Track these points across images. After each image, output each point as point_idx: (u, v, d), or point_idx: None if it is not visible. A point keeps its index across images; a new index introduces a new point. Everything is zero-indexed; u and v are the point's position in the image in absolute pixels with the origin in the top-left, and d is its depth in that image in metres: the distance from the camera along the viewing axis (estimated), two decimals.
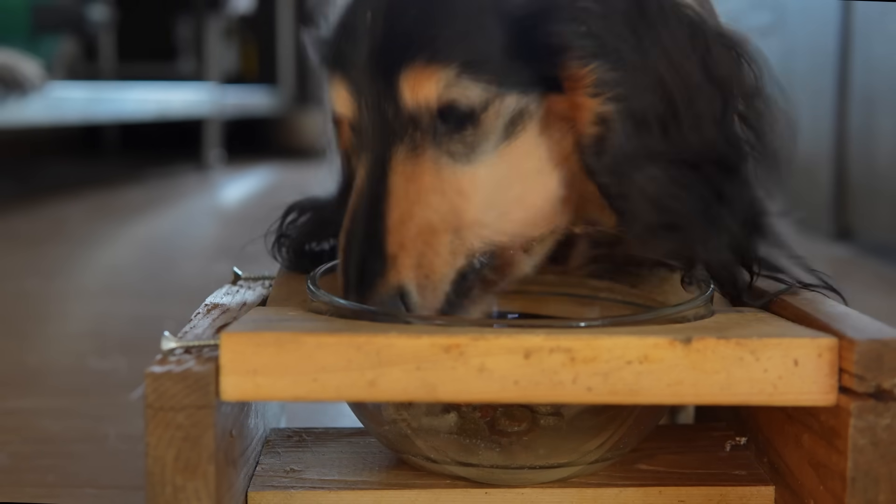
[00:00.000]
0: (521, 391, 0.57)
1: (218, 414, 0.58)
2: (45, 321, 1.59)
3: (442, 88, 0.63)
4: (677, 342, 0.57)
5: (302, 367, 0.57)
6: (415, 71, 0.63)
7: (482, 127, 0.65)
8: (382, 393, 0.57)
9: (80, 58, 4.10)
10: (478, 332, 0.57)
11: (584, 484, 0.67)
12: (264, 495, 0.66)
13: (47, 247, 2.30)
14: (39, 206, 2.90)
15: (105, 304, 1.74)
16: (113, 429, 1.00)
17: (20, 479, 0.89)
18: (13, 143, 3.84)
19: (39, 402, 1.13)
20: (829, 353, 0.58)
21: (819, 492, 0.61)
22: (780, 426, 0.67)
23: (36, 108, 2.72)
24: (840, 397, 0.58)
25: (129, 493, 0.82)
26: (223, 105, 4.15)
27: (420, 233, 0.65)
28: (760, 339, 0.58)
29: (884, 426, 0.57)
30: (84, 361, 1.30)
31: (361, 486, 0.67)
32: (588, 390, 0.57)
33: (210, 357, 0.58)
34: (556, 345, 0.57)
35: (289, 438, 0.76)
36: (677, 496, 0.67)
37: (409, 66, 0.63)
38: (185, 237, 2.62)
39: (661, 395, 0.58)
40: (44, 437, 1.00)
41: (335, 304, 0.64)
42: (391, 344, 0.57)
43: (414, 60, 0.63)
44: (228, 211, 3.13)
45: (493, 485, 0.67)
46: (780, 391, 0.58)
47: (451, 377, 0.57)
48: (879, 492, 0.57)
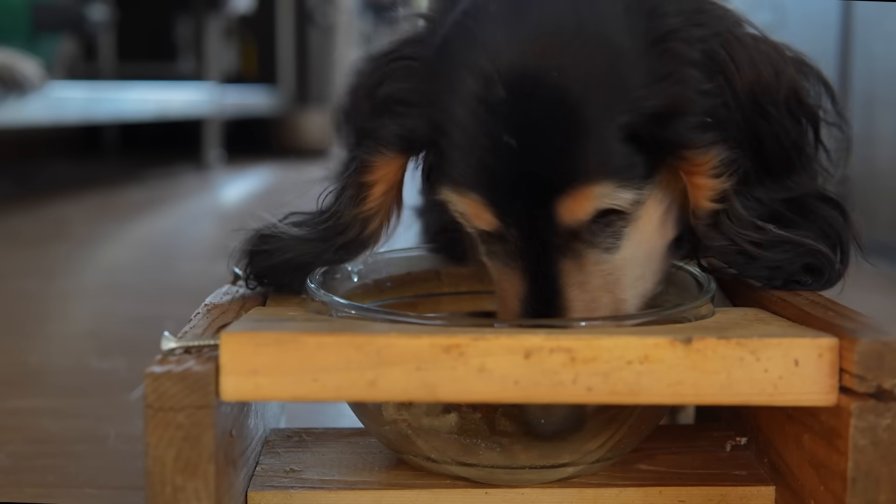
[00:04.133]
0: (521, 391, 0.57)
1: (218, 414, 0.58)
2: (45, 321, 1.59)
3: (598, 202, 0.65)
4: (678, 342, 0.57)
5: (302, 367, 0.57)
6: (573, 195, 0.64)
7: (629, 218, 0.67)
8: (382, 393, 0.57)
9: (80, 57, 4.10)
10: (478, 332, 0.57)
11: (584, 484, 0.67)
12: (264, 495, 0.66)
13: (48, 247, 2.30)
14: (40, 206, 2.90)
15: (105, 304, 1.74)
16: (113, 429, 1.00)
17: (20, 479, 0.89)
18: (13, 143, 3.84)
19: (39, 402, 1.13)
20: (830, 353, 0.58)
21: (819, 492, 0.61)
22: (780, 426, 0.67)
23: (36, 108, 2.72)
24: (841, 397, 0.58)
25: (129, 493, 0.82)
26: (223, 105, 4.15)
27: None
28: (761, 339, 0.58)
29: (884, 426, 0.57)
30: (84, 361, 1.30)
31: (361, 486, 0.67)
32: (588, 390, 0.57)
33: (210, 357, 0.58)
34: (556, 345, 0.57)
35: (289, 438, 0.76)
36: (677, 496, 0.67)
37: (566, 192, 0.64)
38: (184, 237, 2.62)
39: (662, 396, 0.58)
40: (44, 437, 1.00)
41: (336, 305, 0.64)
42: (391, 344, 0.57)
43: (571, 185, 0.64)
44: (228, 211, 3.12)
45: (494, 485, 0.66)
46: (781, 391, 0.58)
47: (452, 377, 0.57)
48: (880, 492, 0.57)
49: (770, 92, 0.68)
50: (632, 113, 0.64)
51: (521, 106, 0.63)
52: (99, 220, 2.76)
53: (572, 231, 0.66)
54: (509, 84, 0.63)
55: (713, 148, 0.66)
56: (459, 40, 0.67)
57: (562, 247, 0.66)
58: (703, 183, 0.67)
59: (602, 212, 0.65)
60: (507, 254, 0.68)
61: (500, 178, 0.65)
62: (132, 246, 2.42)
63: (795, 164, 0.70)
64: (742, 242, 0.68)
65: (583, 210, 0.65)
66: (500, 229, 0.67)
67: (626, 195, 0.65)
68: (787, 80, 0.70)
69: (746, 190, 0.68)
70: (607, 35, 0.65)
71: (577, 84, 0.63)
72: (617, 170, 0.64)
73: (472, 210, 0.67)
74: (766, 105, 0.68)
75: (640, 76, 0.64)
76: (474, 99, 0.64)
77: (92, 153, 4.59)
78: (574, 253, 0.66)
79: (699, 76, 0.65)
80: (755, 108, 0.68)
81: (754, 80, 0.68)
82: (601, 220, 0.66)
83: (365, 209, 0.73)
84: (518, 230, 0.66)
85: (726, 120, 0.67)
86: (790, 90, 0.70)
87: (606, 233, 0.67)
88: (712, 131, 0.66)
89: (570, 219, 0.65)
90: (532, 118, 0.63)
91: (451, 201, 0.68)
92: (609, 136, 0.64)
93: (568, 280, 0.66)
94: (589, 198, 0.64)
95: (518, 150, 0.63)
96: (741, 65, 0.67)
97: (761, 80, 0.68)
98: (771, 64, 0.69)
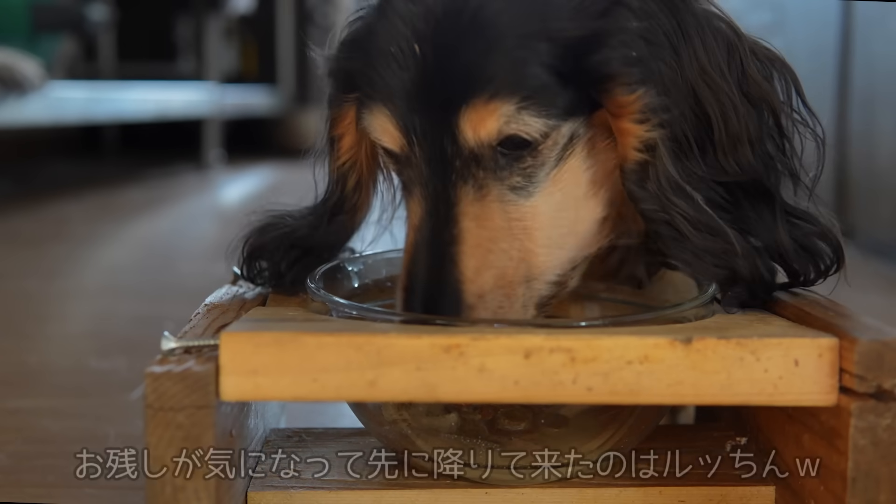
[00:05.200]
0: (521, 391, 0.57)
1: (218, 414, 0.58)
2: (45, 321, 1.59)
3: (503, 124, 0.63)
4: (678, 342, 0.57)
5: (302, 367, 0.57)
6: (476, 107, 0.62)
7: (540, 157, 0.65)
8: (382, 393, 0.57)
9: (80, 57, 4.10)
10: (478, 333, 0.57)
11: (584, 484, 0.67)
12: (264, 495, 0.66)
13: (47, 247, 2.30)
14: (39, 206, 2.90)
15: (105, 304, 1.74)
16: (113, 429, 1.00)
17: (20, 479, 0.89)
18: (13, 143, 3.84)
19: (39, 402, 1.13)
20: (830, 353, 0.58)
21: (819, 492, 0.61)
22: (780, 426, 0.67)
23: (35, 108, 2.72)
24: (840, 397, 0.58)
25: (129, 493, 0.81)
26: (223, 105, 4.15)
27: (497, 284, 0.65)
28: (761, 339, 0.58)
29: (884, 426, 0.57)
30: (84, 361, 1.30)
31: (361, 486, 0.67)
32: (588, 390, 0.57)
33: (210, 357, 0.58)
34: (556, 345, 0.57)
35: (289, 438, 0.76)
36: (677, 496, 0.67)
37: (469, 103, 0.62)
38: (184, 237, 2.62)
39: (662, 396, 0.58)
40: (44, 437, 1.00)
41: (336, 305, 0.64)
42: (391, 344, 0.57)
43: (474, 97, 0.62)
44: (228, 211, 3.12)
45: (494, 485, 0.66)
46: (781, 391, 0.58)
47: (452, 377, 0.57)
48: (880, 492, 0.57)
49: (717, 63, 0.66)
50: (550, 40, 0.63)
51: (434, 18, 0.63)
52: (99, 220, 2.76)
53: (475, 154, 0.64)
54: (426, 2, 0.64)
55: (639, 87, 0.64)
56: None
57: (462, 170, 0.64)
58: (628, 127, 0.65)
59: (509, 142, 0.64)
60: (412, 179, 0.66)
61: (407, 90, 0.64)
62: (132, 246, 2.42)
63: (745, 149, 0.67)
64: (670, 210, 0.64)
65: (484, 127, 0.63)
66: (406, 149, 0.65)
67: (535, 122, 0.63)
68: (740, 57, 0.67)
69: (684, 160, 0.65)
70: None
71: (494, 3, 0.63)
72: (526, 92, 0.63)
73: (379, 125, 0.66)
74: (711, 74, 0.66)
75: (567, 9, 0.64)
76: (394, 15, 0.65)
77: (92, 153, 4.59)
78: (475, 181, 0.64)
79: (631, 17, 0.64)
80: (700, 74, 0.65)
81: (699, 44, 0.65)
82: (509, 153, 0.64)
83: (339, 163, 0.73)
84: (421, 149, 0.64)
85: (661, 73, 0.64)
86: (742, 68, 0.67)
87: (514, 168, 0.65)
88: (638, 69, 0.64)
89: (472, 135, 0.63)
90: (443, 29, 0.63)
91: (366, 120, 0.67)
92: (521, 55, 0.63)
93: (465, 209, 0.64)
94: (491, 113, 0.62)
95: (424, 61, 0.63)
96: (685, 25, 0.65)
97: (707, 47, 0.66)
98: (723, 36, 0.67)
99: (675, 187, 0.64)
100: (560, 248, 0.67)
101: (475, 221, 0.64)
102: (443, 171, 0.64)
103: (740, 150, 0.66)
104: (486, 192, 0.65)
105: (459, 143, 0.63)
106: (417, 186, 0.66)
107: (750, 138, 0.67)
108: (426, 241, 0.65)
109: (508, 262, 0.65)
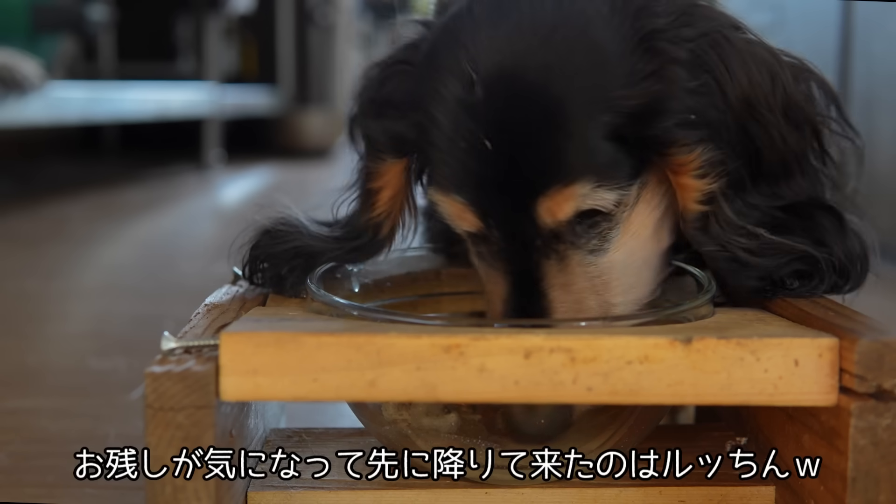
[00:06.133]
0: (521, 391, 0.57)
1: (218, 414, 0.58)
2: (45, 321, 1.59)
3: (580, 203, 0.64)
4: (678, 342, 0.57)
5: (302, 367, 0.57)
6: (554, 195, 0.64)
7: (614, 220, 0.67)
8: (382, 393, 0.57)
9: (80, 57, 4.10)
10: (478, 333, 0.57)
11: (584, 484, 0.67)
12: (264, 495, 0.66)
13: (47, 247, 2.30)
14: (39, 206, 2.90)
15: (105, 304, 1.74)
16: (113, 429, 1.00)
17: (20, 479, 0.89)
18: (13, 143, 3.84)
19: (39, 402, 1.13)
20: (830, 353, 0.58)
21: (819, 492, 0.61)
22: (780, 426, 0.67)
23: (35, 108, 2.71)
24: (841, 397, 0.58)
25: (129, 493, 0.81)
26: (223, 105, 4.15)
27: None
28: (761, 339, 0.58)
29: (884, 426, 0.57)
30: (84, 361, 1.30)
31: (361, 486, 0.67)
32: (588, 390, 0.57)
33: (210, 357, 0.58)
34: (556, 345, 0.57)
35: (289, 438, 0.76)
36: (678, 496, 0.67)
37: (547, 193, 0.63)
38: (184, 237, 2.62)
39: (662, 396, 0.58)
40: (44, 437, 1.00)
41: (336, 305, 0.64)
42: (391, 344, 0.57)
43: (551, 186, 0.63)
44: (228, 211, 3.12)
45: (494, 485, 0.66)
46: (781, 391, 0.58)
47: (452, 377, 0.57)
48: (880, 492, 0.57)
49: (764, 95, 0.68)
50: (613, 112, 0.63)
51: (498, 105, 0.63)
52: (98, 220, 2.76)
53: (554, 232, 0.65)
54: (487, 84, 0.63)
55: (698, 147, 0.65)
56: (444, 43, 0.67)
57: (544, 248, 0.66)
58: (688, 183, 0.67)
59: (585, 212, 0.65)
60: (492, 255, 0.68)
61: (480, 179, 0.65)
62: (132, 246, 2.42)
63: (794, 171, 0.69)
64: (733, 248, 0.67)
65: (563, 211, 0.64)
66: (483, 231, 0.66)
67: (609, 195, 0.65)
68: (783, 84, 0.69)
69: (740, 195, 0.68)
70: (590, 34, 0.64)
71: (555, 82, 0.63)
72: (598, 169, 0.64)
73: (455, 211, 0.67)
74: (759, 108, 0.67)
75: (623, 75, 0.64)
76: (454, 100, 0.64)
77: (92, 153, 4.59)
78: (557, 254, 0.66)
79: (684, 74, 0.65)
80: (748, 111, 0.67)
81: (746, 82, 0.67)
82: (585, 222, 0.66)
83: (374, 215, 0.74)
84: (500, 232, 0.66)
85: (715, 121, 0.66)
86: (786, 95, 0.69)
87: (591, 234, 0.66)
88: (697, 129, 0.65)
89: (551, 219, 0.64)
90: (510, 118, 0.63)
91: (437, 203, 0.68)
92: (589, 134, 0.63)
93: (551, 281, 0.66)
94: (569, 198, 0.64)
95: (496, 151, 0.63)
96: (731, 66, 0.67)
97: (753, 83, 0.67)
98: (766, 67, 0.68)
99: (737, 228, 0.67)
100: (635, 287, 0.70)
101: (562, 290, 0.66)
102: (525, 249, 0.66)
103: (790, 174, 0.69)
104: (568, 261, 0.66)
105: (539, 226, 0.65)
106: (500, 262, 0.67)
107: (798, 160, 0.69)
108: (517, 313, 0.66)
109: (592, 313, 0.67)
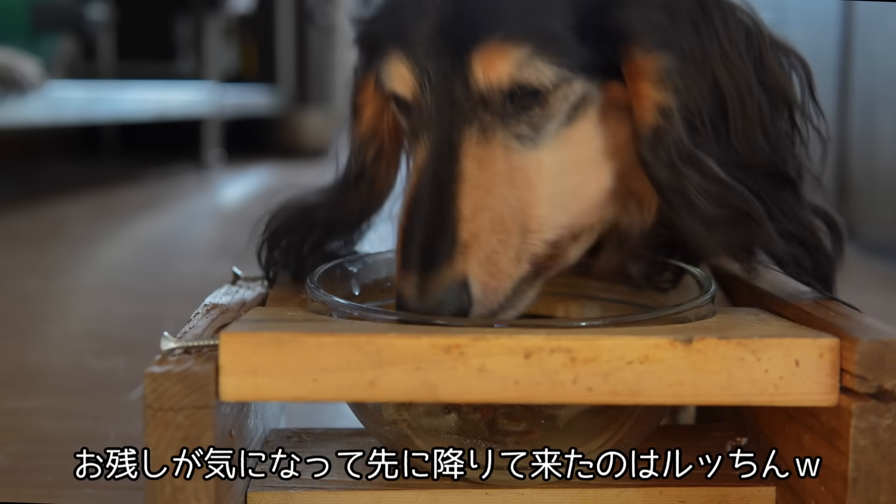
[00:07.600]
0: (521, 391, 0.57)
1: (217, 414, 0.58)
2: (45, 321, 1.59)
3: (515, 68, 0.63)
4: (678, 342, 0.57)
5: (302, 367, 0.57)
6: (488, 49, 0.63)
7: (549, 109, 0.65)
8: (382, 393, 0.57)
9: (79, 57, 4.10)
10: (478, 333, 0.57)
11: (584, 484, 0.67)
12: (264, 496, 0.66)
13: (47, 247, 2.30)
14: (39, 206, 2.90)
15: (105, 304, 1.74)
16: (113, 429, 1.00)
17: (20, 479, 0.89)
18: (13, 143, 3.84)
19: (39, 402, 1.13)
20: (831, 353, 0.58)
21: (820, 492, 0.61)
22: (781, 426, 0.67)
23: (35, 108, 2.71)
24: (841, 398, 0.58)
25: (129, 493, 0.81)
26: (222, 105, 4.15)
27: (493, 227, 0.64)
28: (761, 339, 0.58)
29: (885, 427, 0.57)
30: (84, 361, 1.30)
31: (361, 486, 0.67)
32: (588, 391, 0.57)
33: (210, 357, 0.58)
34: (556, 345, 0.57)
35: (289, 438, 0.76)
36: (678, 496, 0.67)
37: (482, 45, 0.63)
38: (184, 237, 2.62)
39: (662, 396, 0.58)
40: (44, 437, 1.00)
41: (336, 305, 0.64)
42: (391, 344, 0.57)
43: (488, 39, 0.63)
44: (228, 211, 3.12)
45: (494, 485, 0.66)
46: (782, 391, 0.58)
47: (452, 377, 0.57)
48: (881, 492, 0.57)
49: (737, 48, 0.66)
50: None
51: None
52: (98, 220, 2.76)
53: (484, 98, 0.64)
54: None
55: (656, 50, 0.64)
56: None
57: (470, 114, 0.64)
58: (644, 89, 0.65)
59: (520, 90, 0.64)
60: (421, 126, 0.66)
61: (423, 36, 0.65)
62: (132, 246, 2.42)
63: (759, 135, 0.67)
64: (682, 181, 0.64)
65: (495, 69, 0.63)
66: (418, 96, 0.66)
67: (547, 71, 0.63)
68: (759, 46, 0.67)
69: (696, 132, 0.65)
70: None
71: None
72: (541, 40, 0.63)
73: (395, 71, 0.66)
74: (731, 56, 0.66)
75: None
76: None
77: (91, 153, 4.59)
78: (481, 124, 0.65)
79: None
80: (720, 56, 0.65)
81: (721, 28, 0.66)
82: (518, 101, 0.64)
83: (360, 132, 0.74)
84: (433, 94, 0.65)
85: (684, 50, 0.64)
86: (761, 56, 0.67)
87: (522, 117, 0.65)
88: (658, 33, 0.64)
89: (483, 78, 0.63)
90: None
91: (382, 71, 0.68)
92: (539, 6, 0.63)
93: (467, 150, 0.64)
94: (503, 56, 0.63)
95: (444, 9, 0.64)
96: (708, 8, 0.66)
97: (728, 32, 0.66)
98: (743, 25, 0.67)
99: (688, 156, 0.64)
100: (560, 207, 0.67)
101: (477, 163, 0.65)
102: (451, 115, 0.64)
103: (753, 135, 0.66)
104: (491, 136, 0.65)
105: (470, 86, 0.64)
106: (424, 131, 0.66)
107: (764, 124, 0.67)
108: (427, 180, 0.65)
109: (506, 207, 0.65)
